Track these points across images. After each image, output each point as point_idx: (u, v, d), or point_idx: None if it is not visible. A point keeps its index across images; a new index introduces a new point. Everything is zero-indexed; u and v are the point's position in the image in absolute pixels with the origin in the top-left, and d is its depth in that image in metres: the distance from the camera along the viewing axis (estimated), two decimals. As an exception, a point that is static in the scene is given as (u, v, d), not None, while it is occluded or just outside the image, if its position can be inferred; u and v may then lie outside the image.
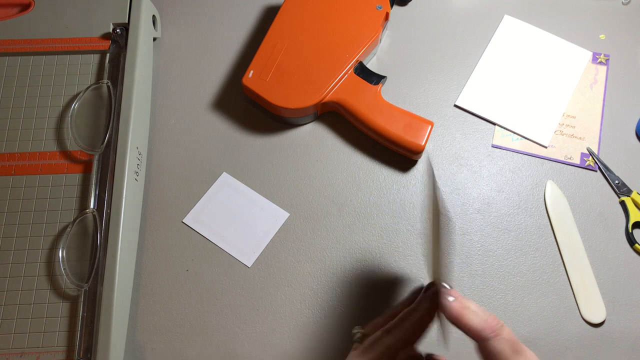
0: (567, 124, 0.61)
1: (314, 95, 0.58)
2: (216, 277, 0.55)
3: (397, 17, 0.67)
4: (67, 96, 0.60)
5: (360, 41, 0.60)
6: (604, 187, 0.59)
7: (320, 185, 0.59)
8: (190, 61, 0.65)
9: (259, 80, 0.59)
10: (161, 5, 0.68)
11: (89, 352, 0.49)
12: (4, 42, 0.62)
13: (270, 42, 0.61)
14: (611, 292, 0.54)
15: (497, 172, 0.60)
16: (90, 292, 0.52)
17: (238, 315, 0.54)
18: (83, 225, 0.54)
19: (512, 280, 0.55)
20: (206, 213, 0.57)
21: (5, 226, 0.55)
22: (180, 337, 0.53)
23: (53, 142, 0.58)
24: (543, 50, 0.65)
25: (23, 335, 0.51)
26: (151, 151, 0.61)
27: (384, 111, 0.58)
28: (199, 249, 0.56)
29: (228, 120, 0.62)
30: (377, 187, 0.59)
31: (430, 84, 0.64)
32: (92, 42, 0.62)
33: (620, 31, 0.66)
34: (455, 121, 0.62)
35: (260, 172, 0.60)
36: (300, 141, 0.61)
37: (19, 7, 0.64)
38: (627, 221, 0.57)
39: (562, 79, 0.63)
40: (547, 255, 0.56)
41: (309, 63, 0.59)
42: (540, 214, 0.58)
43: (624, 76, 0.64)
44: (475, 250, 0.56)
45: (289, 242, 0.57)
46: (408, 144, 0.57)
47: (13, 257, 0.54)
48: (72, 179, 0.57)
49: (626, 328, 0.53)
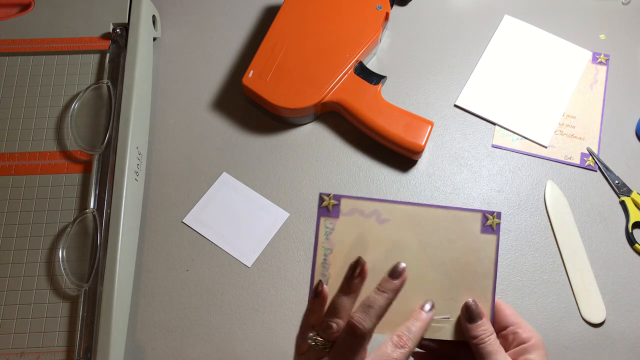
0: (567, 124, 0.61)
1: (314, 95, 0.58)
2: (216, 277, 0.55)
3: (397, 17, 0.67)
4: (67, 96, 0.60)
5: (360, 41, 0.60)
6: (604, 187, 0.59)
7: (320, 185, 0.59)
8: (190, 61, 0.65)
9: (259, 80, 0.59)
10: (161, 5, 0.68)
11: (89, 352, 0.49)
12: (4, 42, 0.62)
13: (270, 42, 0.61)
14: (611, 292, 0.54)
15: (497, 172, 0.60)
16: (90, 292, 0.52)
17: (238, 315, 0.54)
18: (83, 225, 0.54)
19: (512, 280, 0.55)
20: (206, 213, 0.57)
21: (5, 226, 0.55)
22: (180, 337, 0.53)
23: (53, 142, 0.58)
24: (543, 50, 0.65)
25: (23, 335, 0.51)
26: (151, 151, 0.61)
27: (384, 111, 0.58)
28: (198, 249, 0.56)
29: (228, 120, 0.62)
30: (377, 187, 0.59)
31: (430, 84, 0.64)
32: (92, 42, 0.62)
33: (620, 31, 0.66)
34: (455, 121, 0.62)
35: (260, 172, 0.60)
36: (300, 141, 0.61)
37: (19, 7, 0.64)
38: (627, 221, 0.57)
39: (562, 79, 0.63)
40: (547, 255, 0.56)
41: (309, 63, 0.59)
42: (540, 214, 0.58)
43: (624, 76, 0.64)
44: (475, 250, 0.56)
45: (289, 242, 0.57)
46: (408, 144, 0.57)
47: (13, 257, 0.54)
48: (72, 179, 0.57)
49: (626, 328, 0.53)
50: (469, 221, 0.39)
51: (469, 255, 0.39)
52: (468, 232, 0.39)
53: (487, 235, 0.39)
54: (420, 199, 0.58)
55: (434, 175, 0.59)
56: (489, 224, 0.39)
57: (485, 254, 0.39)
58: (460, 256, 0.39)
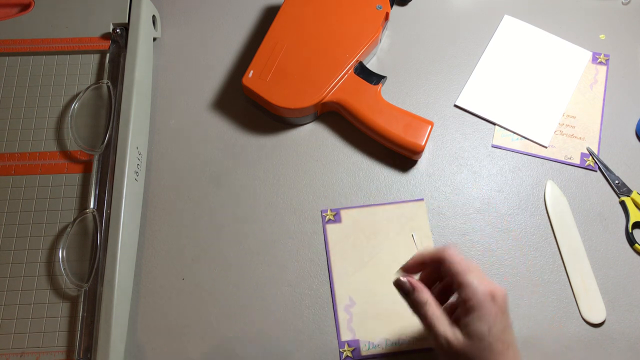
0: (567, 124, 0.61)
1: (314, 95, 0.58)
2: (216, 277, 0.55)
3: (397, 17, 0.67)
4: (67, 96, 0.60)
5: (360, 41, 0.60)
6: (604, 187, 0.59)
7: (320, 185, 0.59)
8: (190, 61, 0.65)
9: (259, 80, 0.59)
10: (161, 5, 0.68)
11: (89, 352, 0.49)
12: (4, 42, 0.62)
13: (270, 42, 0.61)
14: (611, 292, 0.54)
15: (497, 172, 0.60)
16: (90, 292, 0.52)
17: (238, 316, 0.54)
18: (83, 225, 0.54)
19: (512, 280, 0.55)
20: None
21: (5, 226, 0.55)
22: (180, 337, 0.53)
23: (53, 142, 0.58)
24: (543, 50, 0.65)
25: (23, 335, 0.51)
26: (151, 151, 0.61)
27: (384, 111, 0.58)
28: (199, 249, 0.56)
29: (228, 120, 0.62)
30: (377, 187, 0.59)
31: (430, 84, 0.64)
32: (92, 42, 0.62)
33: (620, 31, 0.66)
34: (455, 121, 0.62)
35: (261, 172, 0.60)
36: (300, 141, 0.61)
37: (19, 7, 0.64)
38: (627, 221, 0.57)
39: (562, 79, 0.63)
40: (547, 255, 0.56)
41: (309, 63, 0.59)
42: (540, 214, 0.58)
43: (624, 76, 0.64)
44: (475, 250, 0.56)
45: (289, 241, 0.57)
46: (408, 144, 0.57)
47: (13, 257, 0.54)
48: (72, 179, 0.57)
49: (626, 328, 0.53)
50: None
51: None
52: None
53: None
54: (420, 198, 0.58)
55: (434, 175, 0.59)
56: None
57: None
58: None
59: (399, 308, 0.51)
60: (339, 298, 0.54)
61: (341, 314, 0.54)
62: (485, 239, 0.57)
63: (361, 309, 0.54)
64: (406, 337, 0.52)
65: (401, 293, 0.44)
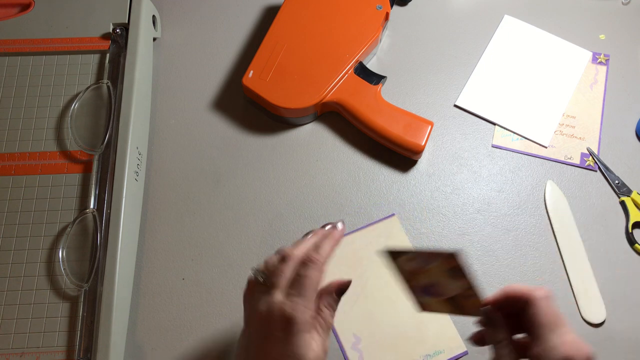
0: (567, 124, 0.61)
1: (314, 95, 0.58)
2: (216, 277, 0.55)
3: (397, 17, 0.67)
4: (67, 96, 0.60)
5: (360, 41, 0.60)
6: (604, 187, 0.59)
7: (320, 185, 0.59)
8: (190, 61, 0.65)
9: (259, 80, 0.59)
10: (161, 5, 0.68)
11: (89, 352, 0.49)
12: (4, 42, 0.62)
13: (270, 42, 0.61)
14: (611, 292, 0.54)
15: (497, 172, 0.60)
16: (90, 292, 0.52)
17: (238, 316, 0.54)
18: (83, 225, 0.54)
19: (512, 281, 0.55)
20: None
21: (5, 226, 0.55)
22: (180, 337, 0.53)
23: (53, 142, 0.58)
24: (543, 50, 0.65)
25: (23, 335, 0.51)
26: (151, 151, 0.61)
27: (384, 111, 0.58)
28: (199, 249, 0.56)
29: (228, 120, 0.62)
30: (377, 187, 0.59)
31: (430, 84, 0.64)
32: (92, 42, 0.62)
33: (620, 31, 0.66)
34: (455, 121, 0.62)
35: (261, 172, 0.60)
36: (300, 141, 0.61)
37: (19, 7, 0.64)
38: (627, 221, 0.57)
39: (562, 79, 0.63)
40: (547, 255, 0.56)
41: (309, 63, 0.59)
42: (540, 214, 0.58)
43: (624, 76, 0.64)
44: (475, 250, 0.56)
45: (289, 242, 0.57)
46: (408, 144, 0.57)
47: (13, 257, 0.54)
48: (72, 179, 0.57)
49: (626, 328, 0.53)
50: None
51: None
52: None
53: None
54: (420, 199, 0.58)
55: (434, 175, 0.59)
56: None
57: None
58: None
59: (403, 330, 0.51)
60: (344, 339, 0.52)
61: (350, 353, 0.52)
62: (485, 239, 0.57)
63: (368, 343, 0.52)
64: (419, 356, 0.51)
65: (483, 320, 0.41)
